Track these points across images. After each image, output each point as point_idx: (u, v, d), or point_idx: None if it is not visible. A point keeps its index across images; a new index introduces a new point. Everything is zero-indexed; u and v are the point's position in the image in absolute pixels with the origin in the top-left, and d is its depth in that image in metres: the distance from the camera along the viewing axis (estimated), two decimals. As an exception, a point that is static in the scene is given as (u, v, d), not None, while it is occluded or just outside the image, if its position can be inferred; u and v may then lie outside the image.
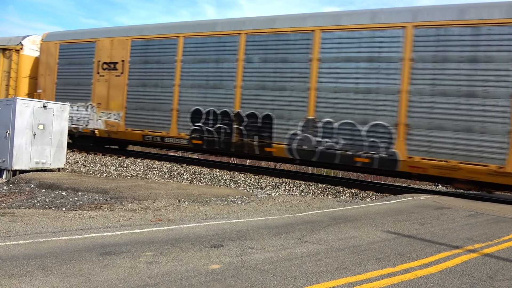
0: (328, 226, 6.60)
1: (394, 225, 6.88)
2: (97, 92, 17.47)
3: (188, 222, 6.69)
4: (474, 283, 4.22)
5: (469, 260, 5.00)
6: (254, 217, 7.33)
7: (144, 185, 10.63)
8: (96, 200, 9.00)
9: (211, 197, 9.73)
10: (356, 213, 7.97)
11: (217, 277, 4.02)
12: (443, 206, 9.15)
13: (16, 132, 11.49)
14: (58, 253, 4.59)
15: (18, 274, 3.89)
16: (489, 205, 9.97)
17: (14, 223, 6.24)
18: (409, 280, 4.20)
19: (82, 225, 6.18)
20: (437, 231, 6.57)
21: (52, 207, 8.35)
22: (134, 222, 6.63)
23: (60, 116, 12.56)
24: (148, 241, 5.26)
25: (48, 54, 18.97)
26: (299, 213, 7.84)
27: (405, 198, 10.34)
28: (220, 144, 14.52)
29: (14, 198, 9.22)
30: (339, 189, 12.55)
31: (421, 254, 5.18)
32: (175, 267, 4.27)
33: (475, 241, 5.98)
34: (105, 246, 4.94)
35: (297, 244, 5.43)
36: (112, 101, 17.02)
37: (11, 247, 4.80)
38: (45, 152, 12.18)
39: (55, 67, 18.73)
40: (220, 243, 5.31)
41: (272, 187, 12.48)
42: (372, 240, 5.78)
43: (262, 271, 4.24)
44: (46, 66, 19.06)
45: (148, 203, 8.58)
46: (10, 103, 11.63)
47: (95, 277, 3.89)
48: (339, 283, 4.00)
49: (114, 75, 17.02)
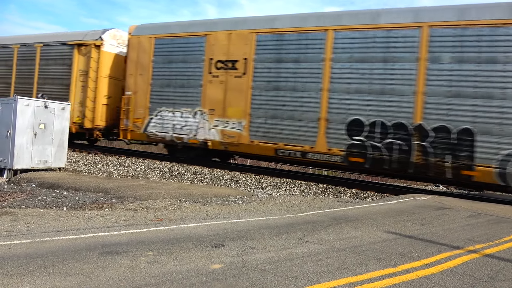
0: (329, 226, 6.60)
1: (395, 225, 6.88)
2: (209, 96, 14.67)
3: (189, 222, 6.70)
4: (475, 283, 4.22)
5: (470, 261, 5.00)
6: (255, 217, 7.34)
7: (145, 184, 10.64)
8: (97, 199, 9.01)
9: (212, 197, 9.74)
10: (357, 213, 7.97)
11: (218, 277, 4.02)
12: (444, 207, 9.15)
13: (17, 131, 11.50)
14: (59, 253, 4.60)
15: (20, 274, 3.90)
16: (490, 205, 9.97)
17: (15, 222, 6.25)
18: (410, 280, 4.20)
19: (83, 225, 6.18)
20: (438, 232, 6.57)
21: (53, 206, 8.36)
22: (135, 221, 6.63)
23: (61, 115, 12.57)
24: (149, 241, 5.26)
25: (140, 50, 16.26)
26: (300, 213, 7.84)
27: (406, 198, 10.35)
28: (392, 164, 11.88)
29: (15, 197, 9.23)
30: (340, 189, 12.54)
31: (422, 254, 5.18)
32: (176, 267, 4.28)
33: (476, 242, 5.98)
34: (106, 246, 4.95)
35: (298, 244, 5.43)
36: (231, 107, 14.21)
37: (13, 246, 4.81)
38: (46, 152, 12.19)
39: (149, 65, 16.00)
40: (221, 243, 5.31)
41: (273, 187, 12.48)
42: (373, 240, 5.79)
43: (263, 271, 4.24)
44: (136, 64, 16.32)
45: (149, 203, 8.58)
46: (11, 103, 11.65)
47: (96, 277, 3.89)
48: (340, 283, 4.01)
49: (233, 76, 14.24)
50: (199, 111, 14.90)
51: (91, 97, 17.64)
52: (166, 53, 15.83)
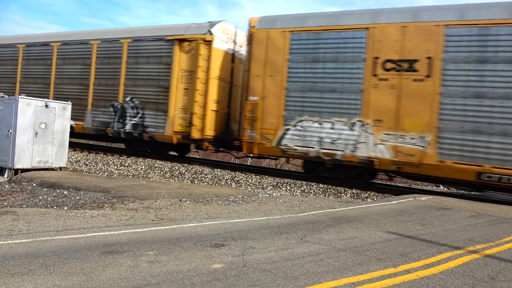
0: (329, 226, 6.61)
1: (395, 226, 6.88)
2: (374, 104, 11.98)
3: (190, 221, 6.70)
4: (476, 284, 4.22)
5: (470, 261, 5.00)
6: (255, 217, 7.34)
7: (145, 184, 10.65)
8: (98, 199, 9.02)
9: (212, 197, 9.74)
10: (357, 213, 7.97)
11: (219, 277, 4.03)
12: (445, 207, 9.15)
13: (18, 131, 11.51)
14: (60, 252, 4.61)
15: (21, 273, 3.91)
16: (490, 206, 9.96)
17: (16, 221, 6.26)
18: (410, 280, 4.20)
19: (84, 224, 6.19)
20: (439, 232, 6.58)
21: (54, 206, 8.37)
22: (136, 221, 6.64)
23: (62, 115, 12.58)
24: (150, 240, 5.27)
25: (269, 46, 13.55)
26: (301, 213, 7.84)
27: (406, 198, 10.35)
28: None
29: (16, 197, 9.24)
30: (340, 190, 12.54)
31: (422, 254, 5.18)
32: (177, 267, 4.28)
33: (476, 242, 5.98)
34: (107, 245, 4.96)
35: (298, 244, 5.44)
36: (407, 118, 11.56)
37: (14, 245, 4.82)
38: (47, 151, 12.19)
39: (284, 65, 13.27)
40: (221, 242, 5.32)
41: (274, 187, 12.49)
42: (374, 241, 5.79)
43: (263, 271, 4.25)
44: (264, 64, 13.61)
45: (149, 203, 8.59)
46: (12, 102, 11.66)
47: (97, 276, 3.90)
48: (340, 283, 4.01)
49: (411, 79, 11.56)
50: (358, 122, 12.20)
51: (200, 102, 14.82)
52: (307, 51, 13.06)
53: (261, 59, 13.67)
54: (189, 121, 15.05)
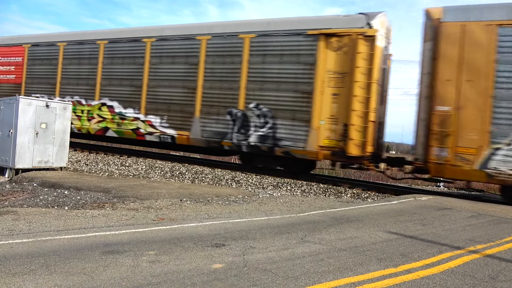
0: (330, 226, 6.61)
1: (396, 226, 6.89)
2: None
3: (190, 221, 6.71)
4: (476, 284, 4.22)
5: (471, 261, 5.01)
6: (256, 216, 7.35)
7: (146, 184, 10.66)
8: (99, 199, 9.02)
9: (213, 197, 9.75)
10: (358, 213, 7.97)
11: (220, 277, 4.03)
12: (445, 207, 9.15)
13: (19, 131, 11.52)
14: (61, 252, 4.61)
15: (22, 273, 3.91)
16: (490, 206, 9.96)
17: (17, 221, 6.27)
18: (411, 280, 4.20)
19: (85, 224, 6.20)
20: (439, 232, 6.58)
21: (54, 206, 8.38)
22: (137, 221, 6.65)
23: (63, 115, 12.58)
24: (151, 240, 5.28)
25: (466, 43, 10.89)
26: (301, 213, 7.85)
27: (407, 198, 10.34)
28: None
29: (17, 196, 9.25)
30: (341, 190, 12.54)
31: (423, 254, 5.18)
32: (178, 266, 4.29)
33: (477, 242, 5.98)
34: (107, 245, 4.96)
35: (299, 244, 5.44)
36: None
37: (14, 245, 4.83)
38: (47, 151, 12.20)
39: (489, 67, 10.60)
40: (222, 242, 5.32)
41: (274, 187, 12.49)
42: (374, 241, 5.79)
43: (264, 271, 4.25)
44: (458, 66, 10.95)
45: (150, 202, 8.60)
46: (13, 102, 11.67)
47: (98, 276, 3.90)
48: (341, 283, 4.01)
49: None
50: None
51: (360, 111, 12.14)
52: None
53: (453, 59, 11.05)
54: (341, 133, 12.45)
